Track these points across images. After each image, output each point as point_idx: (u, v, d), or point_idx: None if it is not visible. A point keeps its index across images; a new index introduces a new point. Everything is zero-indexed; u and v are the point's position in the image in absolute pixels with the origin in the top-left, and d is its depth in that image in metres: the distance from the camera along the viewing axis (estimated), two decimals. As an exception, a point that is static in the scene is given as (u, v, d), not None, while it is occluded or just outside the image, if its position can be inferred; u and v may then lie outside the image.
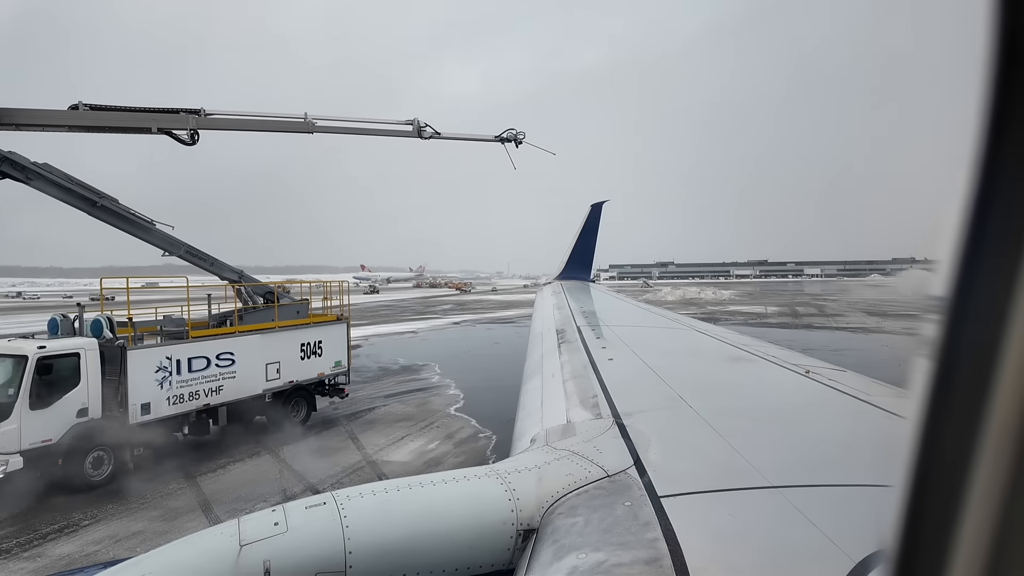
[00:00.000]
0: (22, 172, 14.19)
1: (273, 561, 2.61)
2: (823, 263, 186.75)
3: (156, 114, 16.28)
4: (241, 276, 18.96)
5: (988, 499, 0.60)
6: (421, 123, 20.06)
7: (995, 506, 0.60)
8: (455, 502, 3.04)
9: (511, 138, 22.09)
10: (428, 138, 20.30)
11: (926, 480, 0.66)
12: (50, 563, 9.98)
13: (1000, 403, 0.59)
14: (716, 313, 53.28)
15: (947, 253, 0.63)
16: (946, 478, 0.63)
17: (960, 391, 0.63)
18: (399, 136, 20.21)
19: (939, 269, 0.64)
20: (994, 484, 0.60)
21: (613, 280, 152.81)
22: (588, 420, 4.23)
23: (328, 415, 19.55)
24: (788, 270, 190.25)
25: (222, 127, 17.33)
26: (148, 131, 16.15)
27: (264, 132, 18.51)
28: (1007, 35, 0.58)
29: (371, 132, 19.93)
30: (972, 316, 0.63)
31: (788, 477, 2.95)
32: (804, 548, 2.35)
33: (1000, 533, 0.59)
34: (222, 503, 12.43)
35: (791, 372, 5.85)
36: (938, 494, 0.65)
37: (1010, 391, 0.59)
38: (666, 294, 78.96)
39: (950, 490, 0.63)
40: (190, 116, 16.48)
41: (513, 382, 7.84)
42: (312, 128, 18.28)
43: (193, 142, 16.57)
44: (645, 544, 2.39)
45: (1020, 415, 0.58)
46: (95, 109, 15.32)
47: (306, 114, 18.20)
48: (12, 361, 12.70)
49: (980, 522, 0.60)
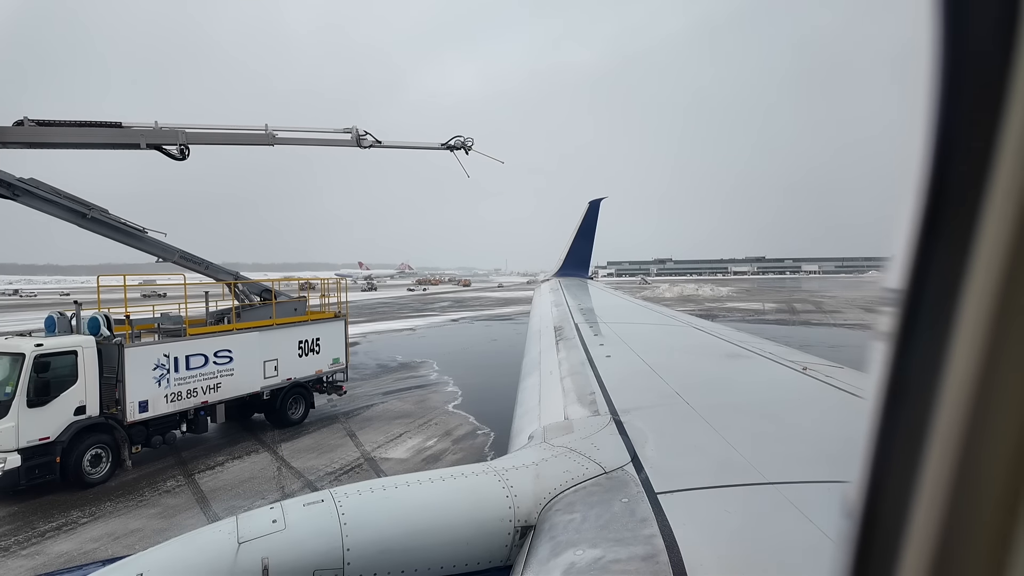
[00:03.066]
0: (8, 189, 14.04)
1: (271, 558, 2.62)
2: (821, 260, 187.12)
3: (144, 128, 15.96)
4: (237, 277, 18.96)
5: (936, 490, 0.62)
6: (360, 131, 19.60)
7: (944, 493, 0.62)
8: (453, 499, 3.04)
9: (459, 145, 21.38)
10: (368, 147, 19.86)
11: (882, 468, 0.69)
12: (48, 561, 9.99)
13: (949, 391, 0.62)
14: (714, 310, 53.39)
15: (901, 247, 0.66)
16: (900, 463, 0.66)
17: (914, 377, 0.66)
18: (338, 145, 19.89)
19: (895, 263, 0.67)
20: (941, 473, 0.62)
21: (611, 277, 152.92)
22: (586, 417, 4.24)
23: (326, 412, 19.56)
24: (786, 267, 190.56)
25: (200, 141, 17.11)
26: (136, 147, 15.95)
27: (230, 145, 18.35)
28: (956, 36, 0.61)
29: (315, 142, 19.73)
30: (925, 307, 0.65)
31: (785, 473, 2.96)
32: (800, 544, 2.36)
33: (949, 515, 0.62)
34: (220, 500, 12.44)
35: (788, 369, 5.86)
36: (892, 484, 0.67)
37: (958, 378, 0.61)
38: (664, 291, 79.09)
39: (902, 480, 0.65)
40: (179, 131, 16.31)
41: (511, 379, 7.85)
42: (273, 140, 18.24)
43: (183, 157, 16.43)
44: (642, 540, 2.40)
45: (968, 401, 0.61)
46: (41, 124, 14.84)
47: (267, 125, 18.16)
48: (9, 359, 12.68)
49: (930, 505, 0.63)
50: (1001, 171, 0.58)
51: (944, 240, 0.63)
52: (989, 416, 0.60)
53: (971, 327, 0.60)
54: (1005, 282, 0.59)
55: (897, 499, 0.66)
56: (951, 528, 0.62)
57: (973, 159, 0.60)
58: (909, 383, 0.67)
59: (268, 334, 17.55)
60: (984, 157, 0.59)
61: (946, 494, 0.62)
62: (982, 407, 0.60)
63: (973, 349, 0.60)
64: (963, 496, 0.61)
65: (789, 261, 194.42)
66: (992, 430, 0.60)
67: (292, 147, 19.14)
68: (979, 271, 0.60)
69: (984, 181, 0.59)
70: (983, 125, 0.59)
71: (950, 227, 0.62)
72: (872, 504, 0.70)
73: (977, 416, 0.60)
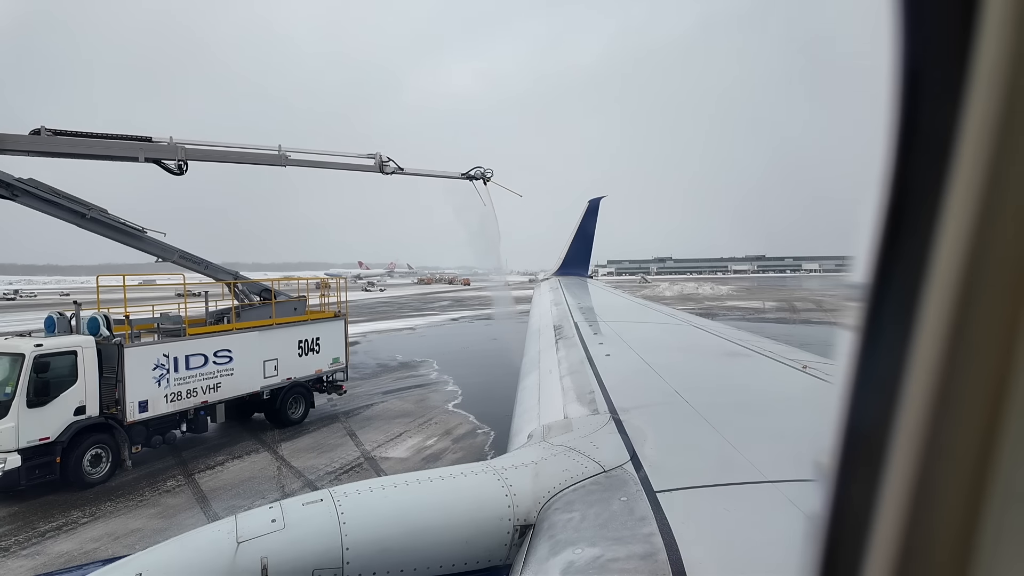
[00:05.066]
0: (7, 189, 14.01)
1: (270, 558, 2.62)
2: (822, 258, 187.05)
3: (142, 143, 15.93)
4: (236, 277, 18.96)
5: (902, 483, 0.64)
6: (383, 157, 20.27)
7: (909, 487, 0.63)
8: (452, 498, 3.04)
9: (479, 176, 22.57)
10: (390, 173, 20.47)
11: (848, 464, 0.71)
12: (48, 560, 9.99)
13: (914, 383, 0.63)
14: (714, 309, 53.37)
15: (868, 243, 0.67)
16: (865, 458, 0.68)
17: (879, 370, 0.67)
18: (361, 170, 20.37)
19: (860, 258, 0.69)
20: (906, 466, 0.64)
21: (611, 276, 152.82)
22: (585, 416, 4.24)
23: (326, 412, 19.56)
24: (786, 265, 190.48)
25: (205, 158, 17.15)
26: (135, 160, 15.93)
27: (242, 164, 18.45)
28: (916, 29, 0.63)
29: (335, 166, 20.07)
30: (891, 300, 0.67)
31: (784, 472, 2.96)
32: (799, 543, 2.35)
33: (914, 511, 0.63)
34: (220, 500, 12.44)
35: (788, 367, 5.86)
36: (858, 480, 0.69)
37: (923, 370, 0.62)
38: (664, 290, 79.09)
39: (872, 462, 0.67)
40: (178, 147, 16.32)
41: (511, 378, 7.85)
42: (285, 161, 18.57)
43: (181, 172, 16.42)
44: (641, 539, 2.40)
45: (932, 392, 0.62)
46: (57, 135, 14.88)
47: (280, 146, 18.50)
48: (9, 359, 12.67)
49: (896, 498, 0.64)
50: (962, 162, 0.59)
51: (908, 233, 0.64)
52: (952, 407, 0.61)
53: (935, 319, 0.62)
54: (967, 271, 0.60)
55: (863, 495, 0.67)
56: (915, 525, 0.63)
57: (935, 151, 0.61)
58: (875, 375, 0.68)
59: (268, 334, 17.54)
60: (945, 149, 0.60)
61: (911, 488, 0.63)
62: (945, 399, 0.62)
63: (937, 340, 0.62)
64: (927, 491, 0.62)
65: (789, 259, 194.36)
66: (955, 420, 0.61)
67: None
68: (941, 263, 0.61)
69: (945, 174, 0.60)
70: (944, 117, 0.60)
71: (913, 218, 0.64)
72: (840, 500, 0.71)
73: (941, 407, 0.62)
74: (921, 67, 0.63)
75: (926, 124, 0.63)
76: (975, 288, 0.60)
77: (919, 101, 0.63)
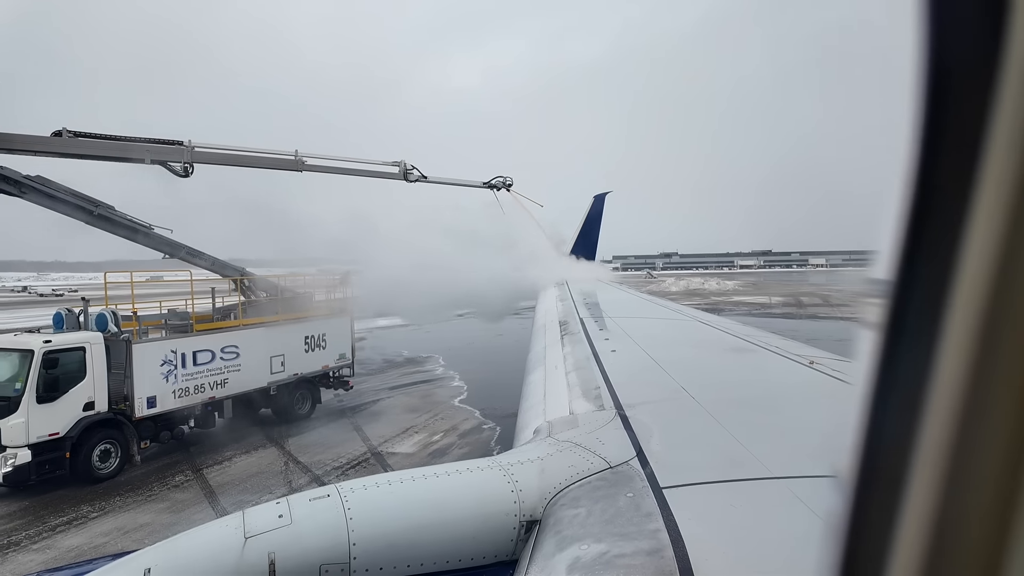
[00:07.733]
0: (15, 186, 14.07)
1: (277, 553, 2.63)
2: (828, 252, 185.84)
3: (149, 145, 15.95)
4: (243, 273, 19.02)
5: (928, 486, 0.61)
6: (408, 165, 20.21)
7: (936, 490, 0.61)
8: (458, 494, 3.05)
9: (500, 185, 22.79)
10: (414, 181, 20.39)
11: (872, 465, 0.68)
12: (59, 555, 10.10)
13: (941, 385, 0.60)
14: (720, 304, 53.18)
15: (892, 238, 0.65)
16: (890, 461, 0.65)
17: (904, 370, 0.65)
18: (385, 177, 20.22)
19: (880, 259, 0.66)
20: (933, 470, 0.61)
21: (616, 271, 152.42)
22: (591, 411, 4.23)
23: (333, 407, 19.64)
24: (793, 260, 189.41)
25: (214, 161, 17.05)
26: (141, 162, 15.89)
27: (256, 168, 18.26)
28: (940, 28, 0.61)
29: (358, 172, 19.85)
30: (916, 299, 0.64)
31: (791, 468, 2.95)
32: (806, 539, 2.34)
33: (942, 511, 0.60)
34: (228, 495, 12.53)
35: (795, 363, 5.84)
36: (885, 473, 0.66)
37: (950, 373, 0.60)
38: (670, 285, 78.86)
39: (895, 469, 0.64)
40: (185, 149, 16.22)
41: (516, 374, 7.85)
42: (302, 166, 18.26)
43: (187, 175, 16.34)
44: (647, 535, 2.39)
45: (961, 396, 0.59)
46: (79, 136, 14.94)
47: (296, 151, 18.23)
48: (18, 355, 12.79)
49: (922, 501, 0.62)
50: (991, 161, 0.58)
51: (935, 231, 0.62)
52: (982, 411, 0.59)
53: (962, 321, 0.59)
54: (997, 274, 0.58)
55: (887, 496, 0.64)
56: (943, 527, 0.60)
57: (963, 150, 0.59)
58: (899, 376, 0.65)
59: (274, 330, 17.62)
60: (974, 148, 0.58)
61: (938, 491, 0.61)
62: (975, 402, 0.59)
63: (965, 342, 0.59)
64: (955, 494, 0.60)
65: (796, 254, 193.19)
66: (986, 425, 0.59)
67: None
68: (970, 263, 0.59)
69: (974, 172, 0.58)
70: (973, 115, 0.58)
71: (941, 218, 0.62)
72: (862, 500, 0.69)
73: (969, 412, 0.59)
74: (950, 67, 0.61)
75: (954, 123, 0.61)
76: (1006, 294, 0.58)
77: (947, 100, 0.61)
